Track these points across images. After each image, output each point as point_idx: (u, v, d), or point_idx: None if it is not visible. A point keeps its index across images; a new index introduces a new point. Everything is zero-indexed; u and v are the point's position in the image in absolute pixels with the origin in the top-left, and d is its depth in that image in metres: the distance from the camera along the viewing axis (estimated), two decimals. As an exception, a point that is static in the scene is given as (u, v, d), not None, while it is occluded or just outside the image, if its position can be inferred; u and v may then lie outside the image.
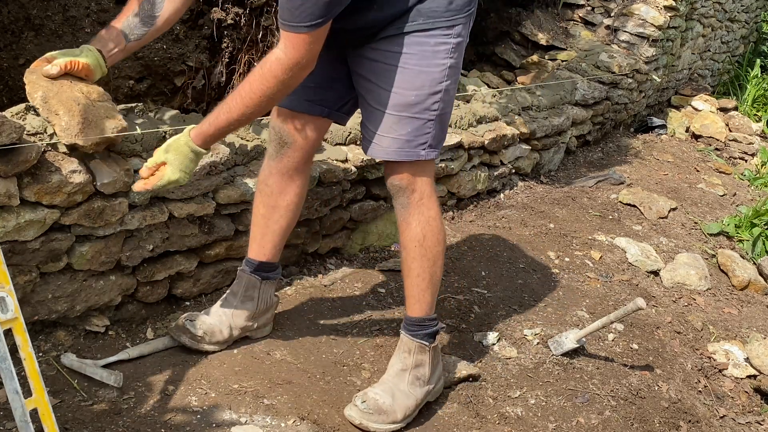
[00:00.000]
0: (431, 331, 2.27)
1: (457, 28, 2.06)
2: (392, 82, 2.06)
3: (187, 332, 2.28)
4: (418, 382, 2.25)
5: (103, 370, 2.10)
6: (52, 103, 1.96)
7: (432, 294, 2.25)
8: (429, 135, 2.10)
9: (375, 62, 2.08)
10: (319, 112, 2.25)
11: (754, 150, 5.86)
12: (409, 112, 2.07)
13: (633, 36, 5.42)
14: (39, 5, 2.77)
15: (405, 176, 2.13)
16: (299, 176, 2.32)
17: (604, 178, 4.64)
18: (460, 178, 3.69)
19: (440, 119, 2.12)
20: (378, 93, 2.09)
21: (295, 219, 2.39)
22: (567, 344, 2.72)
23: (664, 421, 2.56)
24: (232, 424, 2.03)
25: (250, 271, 2.37)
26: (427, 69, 2.05)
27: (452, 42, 2.06)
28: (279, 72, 1.89)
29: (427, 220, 2.17)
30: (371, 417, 2.15)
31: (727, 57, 7.55)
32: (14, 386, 1.54)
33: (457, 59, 2.10)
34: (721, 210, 4.63)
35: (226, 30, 3.07)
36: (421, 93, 2.05)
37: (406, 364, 2.24)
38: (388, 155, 2.12)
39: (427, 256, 2.19)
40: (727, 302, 3.54)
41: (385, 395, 2.18)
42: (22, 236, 1.98)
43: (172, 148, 2.00)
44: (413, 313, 2.25)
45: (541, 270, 3.33)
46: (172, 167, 1.98)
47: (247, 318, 2.37)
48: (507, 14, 5.27)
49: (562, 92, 4.73)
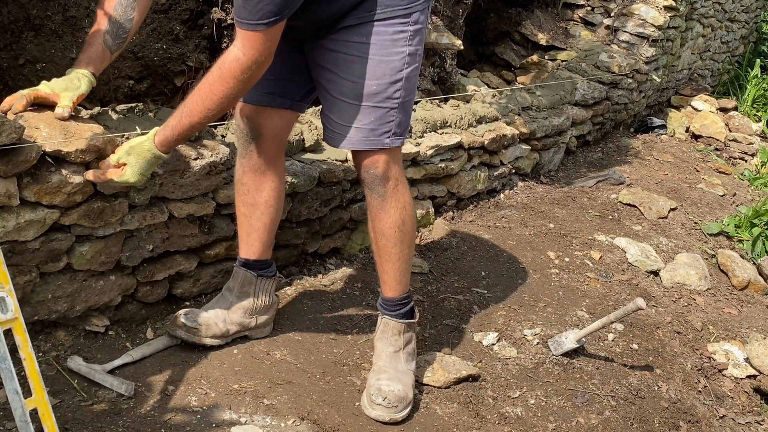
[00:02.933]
0: (410, 307, 2.38)
1: (415, 15, 2.08)
2: (353, 72, 2.07)
3: (183, 326, 2.29)
4: (410, 357, 2.38)
5: (113, 378, 2.09)
6: (32, 122, 1.98)
7: (408, 272, 2.36)
8: (392, 123, 2.13)
9: (335, 53, 2.09)
10: (281, 104, 2.26)
11: (754, 150, 5.86)
12: (372, 102, 2.09)
13: (633, 36, 5.42)
14: (39, 5, 2.77)
15: (379, 165, 2.16)
16: (272, 170, 2.33)
17: (604, 178, 4.64)
18: (459, 178, 3.69)
19: (403, 107, 2.14)
20: (339, 83, 2.11)
21: (278, 213, 2.40)
22: (567, 344, 2.72)
23: (664, 421, 2.56)
24: (232, 424, 2.03)
25: (244, 269, 2.40)
26: (386, 58, 2.06)
27: (410, 29, 2.08)
28: (238, 71, 1.90)
29: (403, 205, 2.23)
30: (396, 408, 2.23)
31: (727, 57, 7.55)
32: (14, 386, 1.54)
33: (416, 45, 2.12)
34: (721, 210, 4.63)
35: (226, 30, 3.07)
36: (383, 82, 2.08)
37: (397, 345, 2.34)
38: (353, 145, 2.15)
39: (406, 241, 2.28)
40: (727, 302, 3.54)
41: (394, 383, 2.25)
42: (22, 236, 1.98)
43: (134, 151, 2.01)
44: (394, 294, 2.34)
45: (541, 270, 3.33)
46: (132, 170, 2.00)
47: (243, 314, 2.38)
48: (507, 14, 5.27)
49: (562, 92, 4.73)
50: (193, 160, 2.34)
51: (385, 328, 2.35)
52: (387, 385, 2.24)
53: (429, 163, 3.44)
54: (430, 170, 3.44)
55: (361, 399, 2.27)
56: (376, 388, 2.24)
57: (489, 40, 5.29)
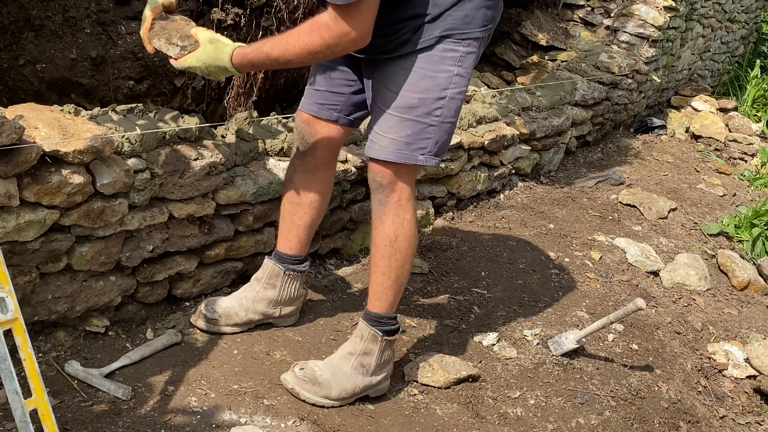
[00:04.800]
0: (388, 329, 2.29)
1: (470, 41, 2.09)
2: (397, 83, 2.09)
3: (203, 317, 2.37)
4: (362, 369, 2.27)
5: (110, 383, 2.09)
6: (32, 121, 1.98)
7: (395, 294, 2.27)
8: (429, 141, 2.12)
9: (385, 65, 2.11)
10: (327, 116, 2.31)
11: (754, 150, 5.86)
12: (411, 115, 2.09)
13: (633, 36, 5.42)
14: (39, 5, 2.77)
15: (388, 175, 2.15)
16: (321, 175, 2.39)
17: (603, 179, 4.64)
18: (459, 178, 3.69)
19: (442, 127, 2.13)
20: (384, 94, 2.13)
21: (320, 215, 2.46)
22: (567, 344, 2.72)
23: (663, 421, 2.56)
24: (232, 424, 2.03)
25: (275, 261, 2.44)
26: (432, 74, 2.07)
27: (462, 50, 2.08)
28: (327, 36, 1.90)
29: (401, 222, 2.19)
30: (304, 385, 2.19)
31: (727, 57, 7.55)
32: (14, 387, 1.54)
33: (466, 69, 2.11)
34: (721, 210, 4.63)
35: (226, 30, 3.07)
36: (425, 97, 2.07)
37: (355, 349, 2.28)
38: (386, 155, 2.13)
39: (396, 257, 2.21)
40: (727, 302, 3.54)
41: (325, 370, 2.22)
42: (22, 237, 1.98)
43: (216, 44, 2.02)
44: (373, 309, 2.28)
45: (540, 270, 3.33)
46: (199, 55, 2.02)
47: (267, 305, 2.44)
48: (507, 14, 5.27)
49: (562, 93, 4.73)
50: (193, 161, 2.35)
51: (355, 329, 2.34)
52: (315, 365, 2.22)
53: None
54: (429, 170, 3.44)
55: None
56: (305, 361, 2.24)
57: (489, 40, 5.28)
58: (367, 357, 2.27)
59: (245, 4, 3.01)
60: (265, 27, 3.09)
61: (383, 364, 2.31)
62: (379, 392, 2.34)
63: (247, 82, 3.18)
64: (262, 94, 3.27)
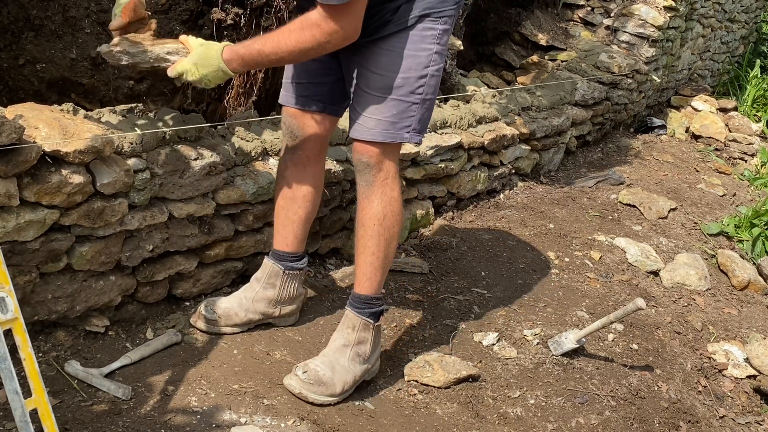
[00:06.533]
0: (377, 311, 2.32)
1: (445, 18, 2.13)
2: (380, 65, 2.12)
3: (203, 318, 2.38)
4: (359, 359, 2.29)
5: (110, 382, 2.09)
6: (32, 121, 1.98)
7: (382, 274, 2.30)
8: (413, 118, 2.16)
9: (367, 49, 2.13)
10: (315, 108, 2.33)
11: (754, 150, 5.86)
12: (395, 95, 2.13)
13: (633, 36, 5.42)
14: (39, 5, 2.77)
15: (375, 154, 2.18)
16: (313, 167, 2.41)
17: (603, 179, 4.64)
18: (459, 178, 3.69)
19: (425, 104, 2.17)
20: (367, 76, 2.16)
21: (314, 209, 2.47)
22: (567, 344, 2.72)
23: (663, 421, 2.56)
24: (232, 424, 2.03)
25: (273, 260, 2.44)
26: (414, 53, 2.11)
27: (439, 28, 2.12)
28: (318, 34, 1.94)
29: (389, 200, 2.22)
30: (311, 387, 2.20)
31: (727, 57, 7.55)
32: (14, 386, 1.54)
33: (443, 45, 2.16)
34: (721, 210, 4.63)
35: (226, 30, 3.07)
36: (408, 76, 2.11)
37: (348, 340, 2.29)
38: (373, 136, 2.16)
39: (385, 236, 2.24)
40: (727, 302, 3.54)
41: (325, 368, 2.22)
42: (22, 236, 1.98)
43: (206, 45, 2.05)
44: (362, 291, 2.30)
45: (540, 270, 3.33)
46: (192, 60, 2.04)
47: (267, 304, 2.45)
48: (507, 14, 5.27)
49: (562, 92, 4.73)
50: (193, 161, 2.35)
51: (345, 319, 2.34)
52: (315, 364, 2.23)
53: (429, 164, 3.44)
54: (430, 170, 3.44)
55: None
56: (305, 362, 2.24)
57: (489, 41, 5.28)
58: (362, 346, 2.30)
59: (245, 4, 3.01)
60: (265, 27, 3.09)
61: (375, 348, 2.35)
62: (373, 374, 2.38)
63: (247, 82, 3.18)
64: (262, 94, 3.27)
